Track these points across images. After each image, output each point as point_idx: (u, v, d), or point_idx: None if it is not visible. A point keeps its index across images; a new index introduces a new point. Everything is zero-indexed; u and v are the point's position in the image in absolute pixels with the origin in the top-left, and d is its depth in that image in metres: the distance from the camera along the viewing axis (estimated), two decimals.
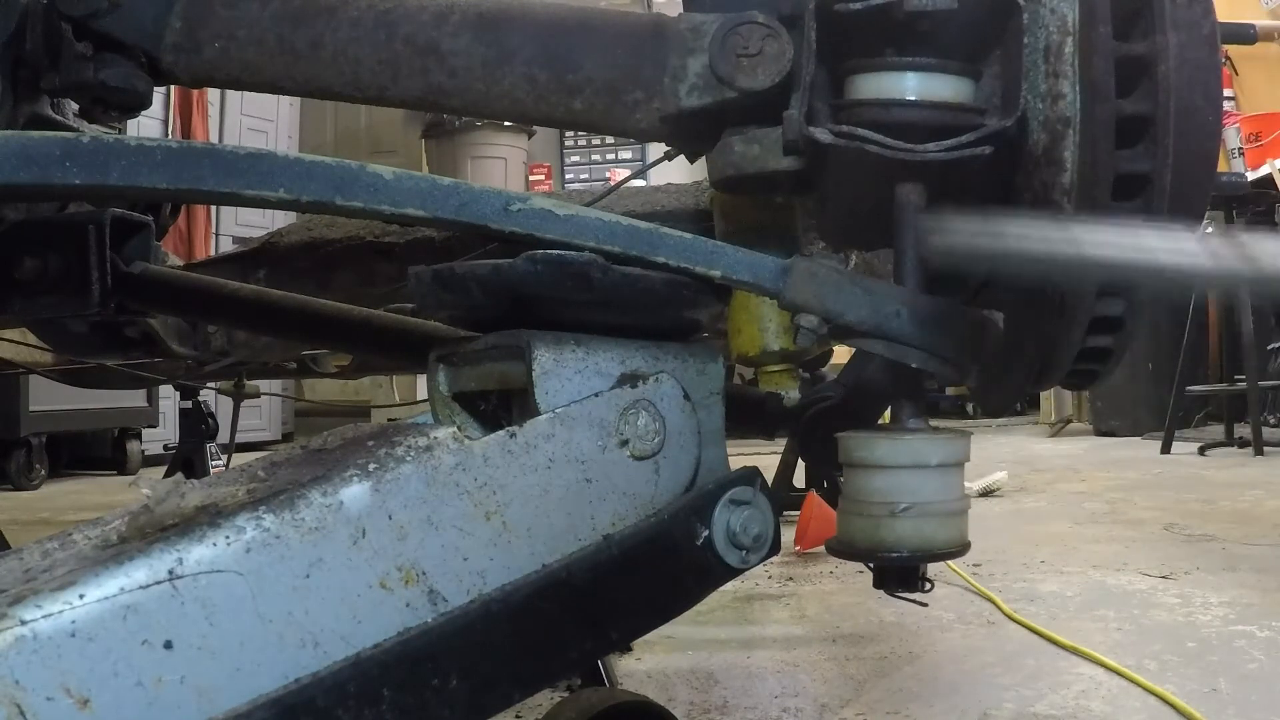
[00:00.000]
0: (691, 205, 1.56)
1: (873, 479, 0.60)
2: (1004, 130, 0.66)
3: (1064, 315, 0.76)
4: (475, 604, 0.55)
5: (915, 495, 0.60)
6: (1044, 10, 0.71)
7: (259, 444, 6.25)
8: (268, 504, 0.51)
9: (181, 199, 0.88)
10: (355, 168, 0.57)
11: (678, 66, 0.80)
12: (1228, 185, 4.73)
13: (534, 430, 0.59)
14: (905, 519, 0.59)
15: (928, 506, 0.60)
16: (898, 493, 0.60)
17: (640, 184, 2.50)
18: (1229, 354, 5.52)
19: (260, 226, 5.82)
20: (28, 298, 1.19)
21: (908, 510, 0.59)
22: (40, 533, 0.58)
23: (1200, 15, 0.79)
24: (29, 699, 0.43)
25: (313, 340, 1.57)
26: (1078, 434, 6.37)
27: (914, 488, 0.60)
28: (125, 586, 0.46)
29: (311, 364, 2.09)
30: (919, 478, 0.60)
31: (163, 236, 1.53)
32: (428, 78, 0.87)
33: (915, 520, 0.59)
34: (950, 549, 0.60)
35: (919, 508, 0.59)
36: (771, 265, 0.62)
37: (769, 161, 0.76)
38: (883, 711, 1.58)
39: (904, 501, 0.59)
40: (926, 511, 0.60)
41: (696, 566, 0.63)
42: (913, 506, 0.59)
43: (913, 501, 0.59)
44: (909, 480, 0.60)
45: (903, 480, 0.60)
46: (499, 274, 0.61)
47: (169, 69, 0.93)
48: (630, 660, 1.90)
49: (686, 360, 0.66)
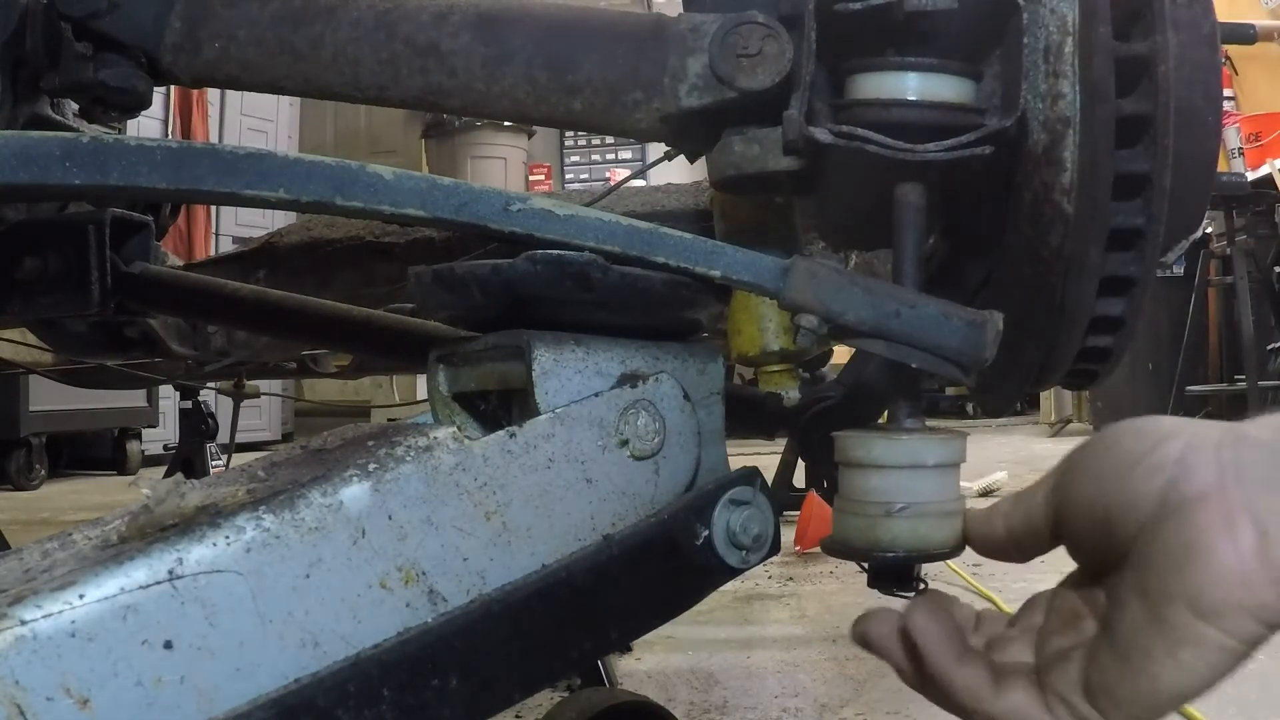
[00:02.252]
0: (691, 205, 1.56)
1: (869, 478, 0.60)
2: (1004, 130, 0.66)
3: (1064, 315, 0.76)
4: (475, 604, 0.55)
5: (911, 495, 0.59)
6: (1044, 10, 0.71)
7: (259, 444, 6.25)
8: (268, 504, 0.51)
9: (181, 199, 0.89)
10: (355, 168, 0.57)
11: (677, 66, 0.80)
12: (1228, 185, 4.73)
13: (534, 430, 0.59)
14: (901, 519, 0.59)
15: (924, 507, 0.60)
16: (894, 493, 0.60)
17: (640, 184, 2.50)
18: (1229, 354, 5.53)
19: (260, 226, 5.82)
20: (28, 298, 1.19)
21: (904, 510, 0.59)
22: (40, 533, 0.58)
23: (1200, 15, 0.79)
24: (29, 699, 0.43)
25: (313, 340, 1.57)
26: (1078, 434, 6.37)
27: (910, 488, 0.60)
28: (125, 586, 0.46)
29: (311, 364, 2.09)
30: (915, 478, 0.60)
31: (163, 236, 1.53)
32: (427, 77, 0.87)
33: (911, 520, 0.59)
34: (945, 549, 0.60)
35: (915, 508, 0.59)
36: (771, 265, 0.62)
37: (769, 161, 0.76)
38: (883, 711, 1.58)
39: (900, 501, 0.59)
40: (922, 512, 0.60)
41: (696, 566, 0.63)
42: (909, 506, 0.59)
43: (909, 501, 0.59)
44: (905, 480, 0.60)
45: (899, 480, 0.60)
46: (499, 274, 0.61)
47: (169, 69, 0.93)
48: (630, 660, 1.90)
49: (686, 360, 0.66)
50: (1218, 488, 0.46)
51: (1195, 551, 0.46)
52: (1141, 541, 0.48)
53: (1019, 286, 0.76)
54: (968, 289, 0.84)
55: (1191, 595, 0.46)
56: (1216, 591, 0.45)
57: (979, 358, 0.62)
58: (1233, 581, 0.45)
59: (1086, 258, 0.74)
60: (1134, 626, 0.48)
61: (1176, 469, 0.48)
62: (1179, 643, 0.46)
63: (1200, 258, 5.06)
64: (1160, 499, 0.47)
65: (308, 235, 1.69)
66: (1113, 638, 0.49)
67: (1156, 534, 0.47)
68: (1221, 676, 0.47)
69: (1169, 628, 0.46)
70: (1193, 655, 0.46)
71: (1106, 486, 0.50)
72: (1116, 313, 0.78)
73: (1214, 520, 0.46)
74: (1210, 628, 0.45)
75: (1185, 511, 0.46)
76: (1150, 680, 0.47)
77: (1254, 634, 0.46)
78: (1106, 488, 0.50)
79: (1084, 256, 0.73)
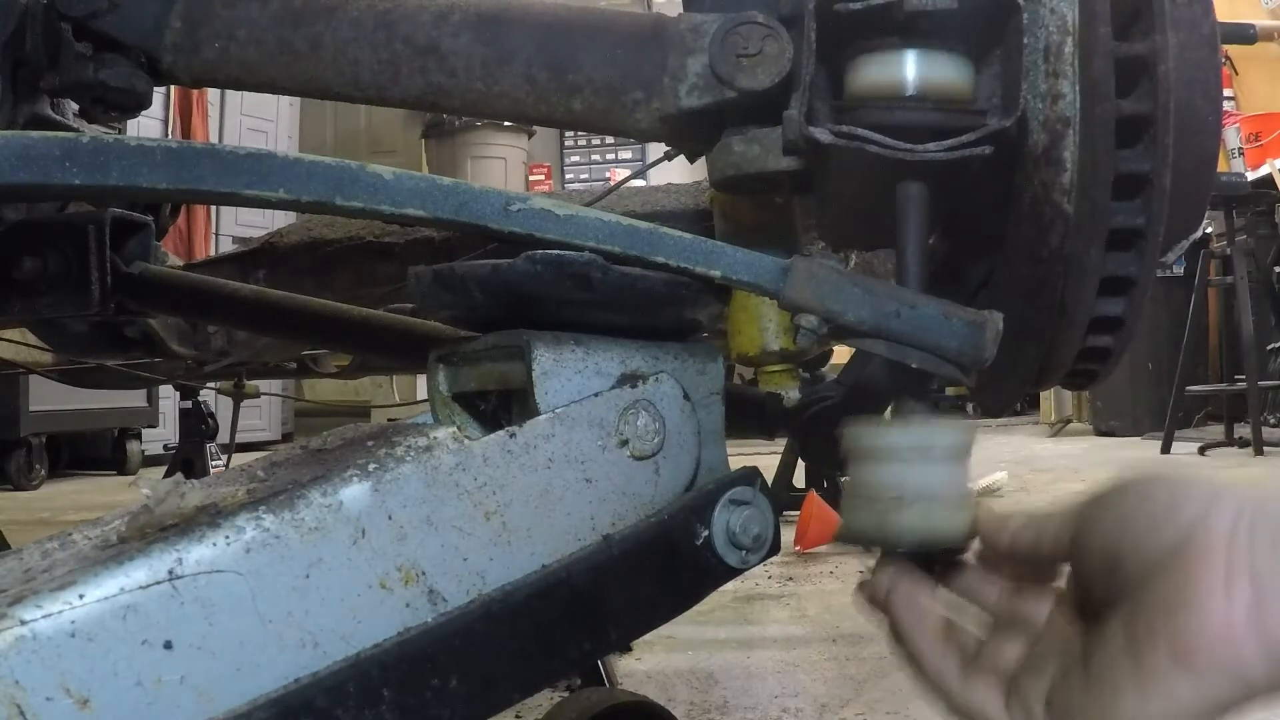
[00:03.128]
0: (691, 205, 1.56)
1: (883, 467, 0.60)
2: (1004, 130, 0.66)
3: (1064, 315, 0.76)
4: (475, 604, 0.55)
5: (925, 483, 0.59)
6: (1044, 10, 0.71)
7: (259, 444, 6.25)
8: (268, 504, 0.51)
9: (181, 199, 0.88)
10: (355, 168, 0.57)
11: (677, 66, 0.80)
12: (1228, 185, 4.73)
13: (534, 430, 0.59)
14: (915, 507, 0.58)
15: (937, 495, 0.59)
16: (908, 480, 0.59)
17: (640, 184, 2.50)
18: (1229, 354, 5.53)
19: (260, 226, 5.82)
20: (28, 298, 1.19)
21: (918, 498, 0.59)
22: (40, 533, 0.58)
23: (1200, 15, 0.79)
24: (29, 699, 0.43)
25: (313, 340, 1.57)
26: (1078, 434, 6.37)
27: (924, 475, 0.59)
28: (125, 586, 0.46)
29: (311, 364, 2.09)
30: (929, 465, 0.59)
31: (163, 236, 1.53)
32: (427, 78, 0.87)
33: (925, 508, 0.59)
34: (958, 538, 0.60)
35: (929, 496, 0.59)
36: (771, 265, 0.62)
37: (769, 161, 0.76)
38: (883, 711, 1.58)
39: (913, 489, 0.59)
40: (936, 500, 0.59)
41: (696, 567, 0.63)
42: (922, 494, 0.59)
43: (922, 489, 0.59)
44: (919, 468, 0.59)
45: (913, 468, 0.59)
46: (499, 274, 0.61)
47: (169, 69, 0.93)
48: (630, 660, 1.90)
49: (686, 360, 0.66)
50: (1226, 545, 0.46)
51: (1187, 599, 0.45)
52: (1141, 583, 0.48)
53: (1019, 286, 0.76)
54: (968, 289, 0.84)
55: (1174, 642, 0.45)
56: (1199, 643, 0.45)
57: (979, 358, 0.62)
58: (1218, 637, 0.44)
59: (1086, 258, 0.74)
60: (1111, 658, 0.48)
61: (1194, 522, 0.47)
62: (1150, 686, 0.46)
63: (1200, 258, 5.06)
64: (1171, 548, 0.47)
65: (308, 235, 1.69)
66: (1088, 663, 0.49)
67: (1156, 577, 0.47)
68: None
69: (1144, 670, 0.46)
70: (1160, 703, 0.46)
71: (1126, 533, 0.50)
72: (1116, 313, 0.78)
73: (1213, 574, 0.45)
74: (1184, 679, 0.45)
75: (1189, 562, 0.46)
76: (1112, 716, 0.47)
77: (1227, 696, 0.45)
78: (1126, 534, 0.50)
79: (1084, 256, 0.73)
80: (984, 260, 0.82)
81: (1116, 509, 0.51)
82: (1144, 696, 0.46)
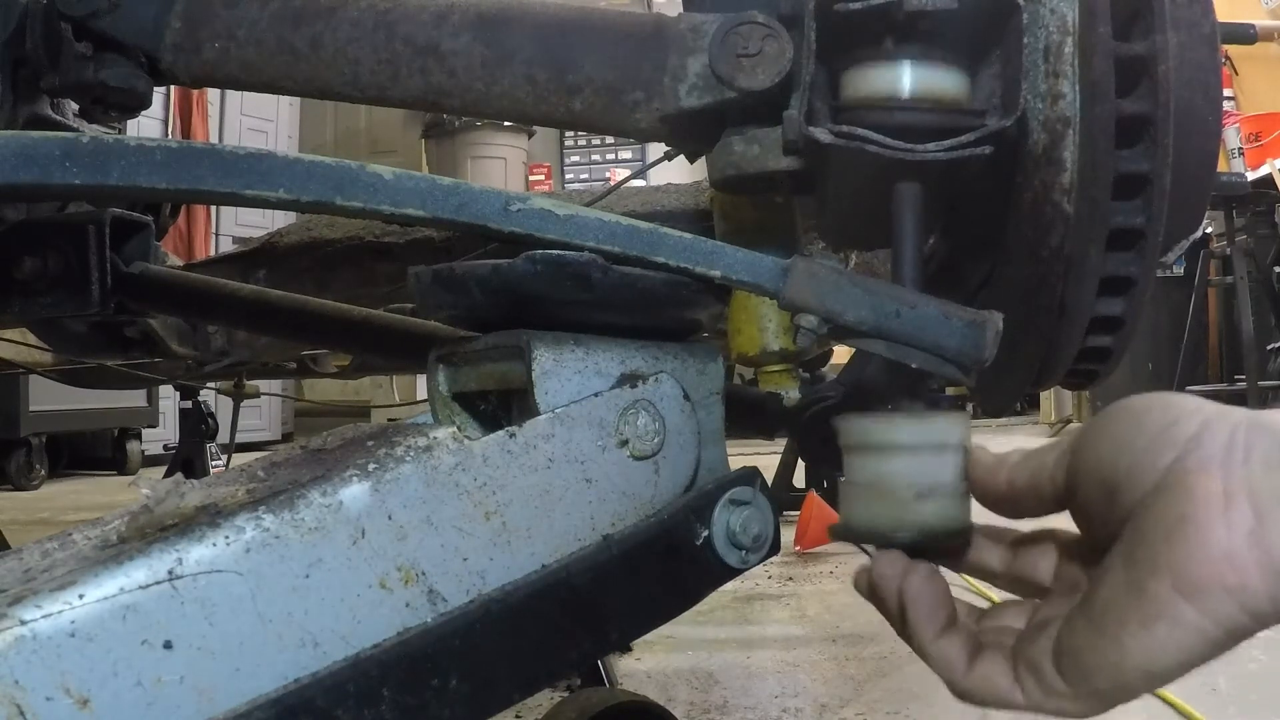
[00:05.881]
0: (691, 205, 1.56)
1: (895, 461, 0.59)
2: (1004, 130, 0.66)
3: (1064, 315, 0.76)
4: (475, 604, 0.55)
5: (939, 476, 0.59)
6: (1044, 10, 0.71)
7: (259, 444, 6.26)
8: (267, 504, 0.51)
9: (181, 199, 0.88)
10: (355, 168, 0.57)
11: (677, 66, 0.80)
12: (1228, 185, 4.73)
13: (534, 430, 0.59)
14: (930, 500, 0.58)
15: (949, 487, 0.59)
16: (923, 474, 0.59)
17: (640, 184, 2.50)
18: (1229, 354, 5.53)
19: (260, 226, 5.82)
20: (28, 298, 1.19)
21: (932, 491, 0.58)
22: (40, 533, 0.58)
23: (1200, 15, 0.79)
24: (29, 699, 0.43)
25: (313, 340, 1.57)
26: None
27: (938, 468, 0.59)
28: (125, 586, 0.46)
29: (311, 364, 2.09)
30: (942, 458, 0.59)
31: (163, 236, 1.53)
32: (427, 78, 0.87)
33: (939, 501, 0.58)
34: (965, 530, 0.60)
35: (942, 488, 0.59)
36: (771, 265, 0.62)
37: (769, 161, 0.76)
38: (883, 711, 1.58)
39: (928, 482, 0.58)
40: (949, 492, 0.59)
41: (696, 567, 0.63)
42: (937, 487, 0.58)
43: (937, 482, 0.58)
44: (933, 461, 0.59)
45: (928, 461, 0.59)
46: (499, 274, 0.61)
47: (169, 69, 0.93)
48: (630, 660, 1.90)
49: (686, 360, 0.66)
50: (1223, 465, 0.45)
51: (1187, 524, 0.44)
52: (1139, 510, 0.47)
53: (1019, 286, 0.76)
54: (968, 289, 0.84)
55: (1176, 568, 0.44)
56: (1202, 567, 0.44)
57: (979, 358, 0.62)
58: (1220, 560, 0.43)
59: (1086, 258, 0.74)
60: (1113, 593, 0.47)
61: (1188, 444, 0.46)
62: (1155, 616, 0.45)
63: (1200, 258, 5.06)
64: (1166, 471, 0.46)
65: (308, 235, 1.69)
66: (1090, 603, 0.48)
67: (1153, 503, 0.46)
68: (1194, 662, 0.46)
69: (1147, 599, 0.45)
70: (1166, 632, 0.45)
71: (1121, 454, 0.48)
72: (1116, 313, 0.78)
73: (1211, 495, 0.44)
74: (1189, 605, 0.44)
75: (1185, 484, 0.45)
76: (1119, 651, 0.46)
77: (1234, 621, 0.44)
78: (1120, 455, 0.48)
79: (1084, 256, 0.74)
80: (984, 260, 0.82)
81: (1111, 433, 0.50)
82: (1150, 629, 0.45)
